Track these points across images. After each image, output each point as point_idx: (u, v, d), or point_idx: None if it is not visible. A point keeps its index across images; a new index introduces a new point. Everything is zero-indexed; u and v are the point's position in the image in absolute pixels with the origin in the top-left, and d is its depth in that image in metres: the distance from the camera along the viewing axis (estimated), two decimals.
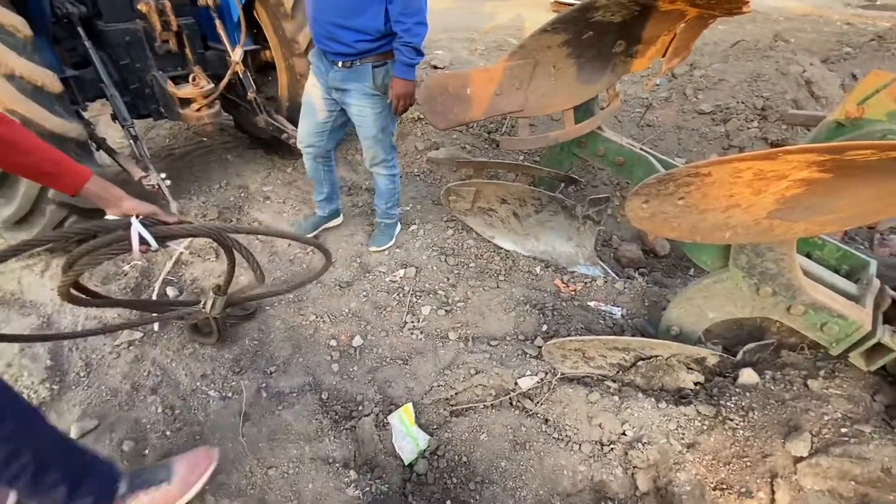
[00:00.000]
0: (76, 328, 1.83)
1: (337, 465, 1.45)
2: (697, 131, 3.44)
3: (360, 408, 1.62)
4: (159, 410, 1.55)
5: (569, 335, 1.79)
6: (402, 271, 2.13)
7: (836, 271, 1.64)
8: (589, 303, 1.96)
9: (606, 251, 2.44)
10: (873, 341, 1.35)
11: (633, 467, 1.43)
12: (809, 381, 1.49)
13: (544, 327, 1.86)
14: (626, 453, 1.44)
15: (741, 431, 1.41)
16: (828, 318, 1.40)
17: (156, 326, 1.82)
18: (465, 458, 1.52)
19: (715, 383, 1.58)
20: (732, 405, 1.47)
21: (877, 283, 1.50)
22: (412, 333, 1.87)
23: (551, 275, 2.11)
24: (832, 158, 0.95)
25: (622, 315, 1.90)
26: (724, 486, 1.36)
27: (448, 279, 2.09)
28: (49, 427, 0.88)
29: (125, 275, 2.06)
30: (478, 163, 2.41)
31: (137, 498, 1.06)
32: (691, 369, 1.60)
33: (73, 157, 1.01)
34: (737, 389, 1.52)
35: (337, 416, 1.58)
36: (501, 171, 2.73)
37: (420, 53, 1.70)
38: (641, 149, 2.05)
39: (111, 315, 1.89)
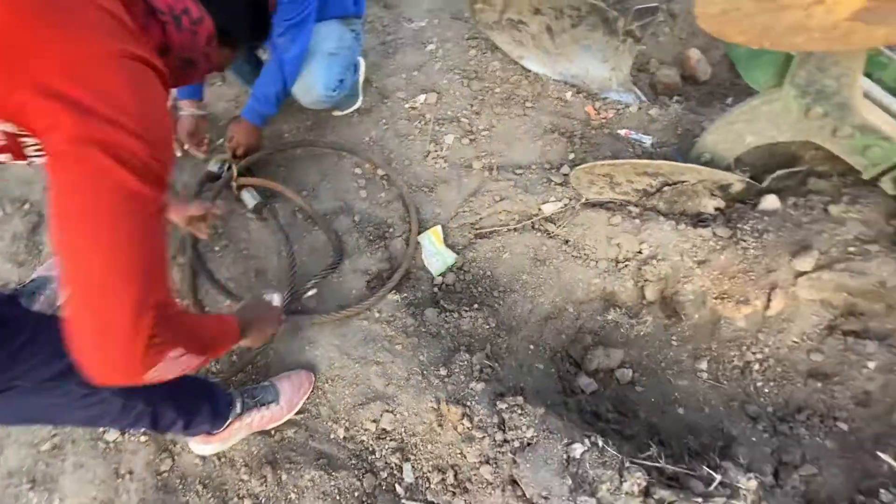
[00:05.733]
0: None
1: (373, 276, 1.60)
2: None
3: (391, 230, 1.71)
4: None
5: (595, 161, 1.77)
6: (422, 97, 2.00)
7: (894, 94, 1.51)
8: (619, 131, 1.88)
9: (642, 77, 2.24)
10: None
11: (644, 280, 1.58)
12: (830, 207, 1.52)
13: (571, 155, 1.83)
14: (640, 269, 1.57)
15: (752, 251, 1.50)
16: (873, 141, 1.35)
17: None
18: (489, 273, 1.66)
19: (735, 209, 1.62)
20: (748, 228, 1.54)
21: None
22: (436, 163, 1.85)
23: (582, 101, 1.98)
24: None
25: (652, 144, 1.85)
26: (725, 296, 1.52)
27: (471, 106, 1.98)
28: None
29: None
30: None
31: (251, 416, 1.19)
32: (714, 195, 1.62)
33: None
34: (756, 214, 1.57)
35: (370, 237, 1.68)
36: None
37: None
38: None
39: None
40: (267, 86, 1.62)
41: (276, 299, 1.26)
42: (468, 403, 1.24)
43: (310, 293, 1.51)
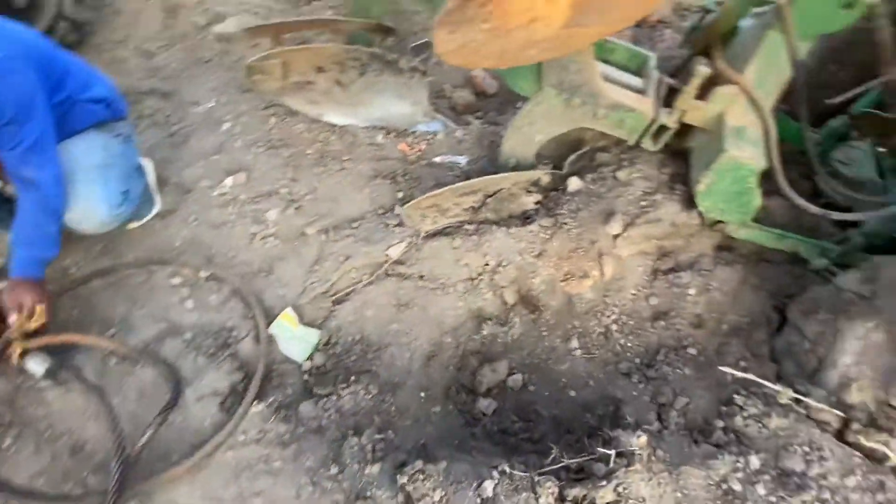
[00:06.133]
0: None
1: (226, 394, 1.40)
2: None
3: (235, 333, 1.53)
4: None
5: (422, 195, 1.81)
6: (229, 180, 1.86)
7: (628, 71, 1.84)
8: (435, 159, 1.97)
9: (442, 102, 2.40)
10: (657, 125, 1.61)
11: (500, 287, 1.64)
12: (618, 173, 1.77)
13: (400, 194, 1.85)
14: (492, 279, 1.63)
15: (574, 230, 1.67)
16: (624, 115, 1.61)
17: None
18: (358, 336, 1.58)
19: (551, 198, 1.80)
20: (565, 211, 1.71)
21: (656, 73, 1.72)
22: (265, 242, 1.73)
23: (394, 140, 2.04)
24: None
25: (467, 162, 1.97)
26: (568, 276, 1.66)
27: (287, 174, 1.89)
28: None
29: None
30: (274, 26, 2.01)
31: None
32: (530, 192, 1.78)
33: None
34: (567, 197, 1.75)
35: (210, 351, 1.47)
36: (307, 34, 2.35)
37: None
38: None
39: None
40: (37, 226, 1.36)
41: None
42: (369, 493, 1.13)
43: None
